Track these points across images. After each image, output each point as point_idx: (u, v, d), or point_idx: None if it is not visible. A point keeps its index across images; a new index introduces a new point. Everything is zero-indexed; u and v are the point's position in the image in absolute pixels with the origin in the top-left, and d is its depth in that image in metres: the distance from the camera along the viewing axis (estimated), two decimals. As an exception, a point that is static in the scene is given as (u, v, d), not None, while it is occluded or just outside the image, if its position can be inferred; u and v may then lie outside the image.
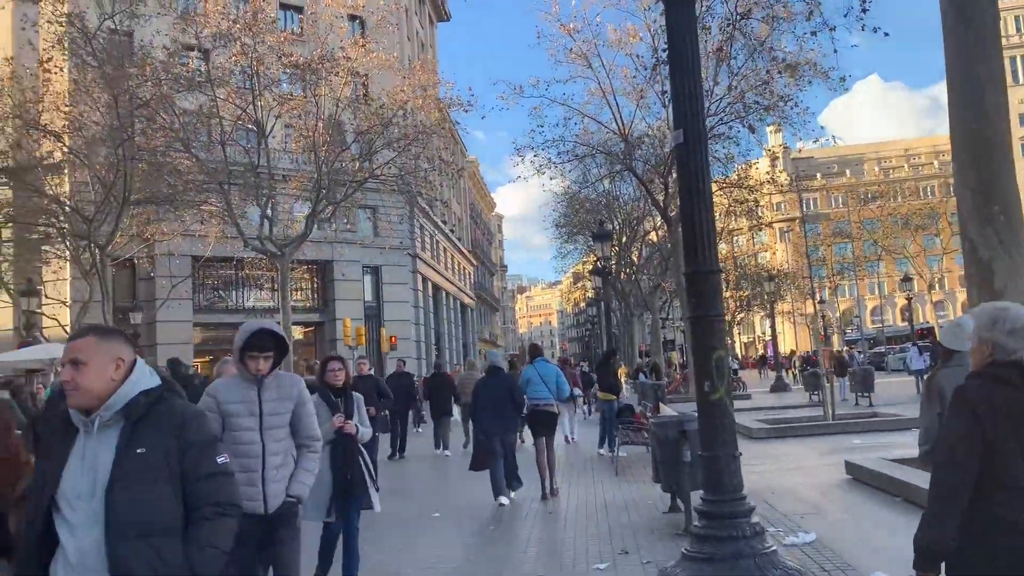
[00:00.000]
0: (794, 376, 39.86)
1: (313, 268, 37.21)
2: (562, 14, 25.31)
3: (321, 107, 24.65)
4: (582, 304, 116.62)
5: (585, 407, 22.17)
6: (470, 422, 12.90)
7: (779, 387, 31.68)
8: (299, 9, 34.51)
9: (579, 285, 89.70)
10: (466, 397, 14.22)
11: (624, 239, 39.63)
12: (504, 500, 9.54)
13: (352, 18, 31.64)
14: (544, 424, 10.30)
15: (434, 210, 46.80)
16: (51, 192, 20.80)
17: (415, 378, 22.42)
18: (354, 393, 6.20)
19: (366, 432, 6.00)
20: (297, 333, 37.34)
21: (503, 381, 10.00)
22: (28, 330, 20.48)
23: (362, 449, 5.95)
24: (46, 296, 29.03)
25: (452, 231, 56.07)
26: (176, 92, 20.20)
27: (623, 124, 26.23)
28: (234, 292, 35.71)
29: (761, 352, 71.98)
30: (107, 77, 17.33)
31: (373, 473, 6.11)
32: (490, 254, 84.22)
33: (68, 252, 21.41)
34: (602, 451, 14.13)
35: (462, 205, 64.00)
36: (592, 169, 30.27)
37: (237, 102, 23.88)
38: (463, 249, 61.13)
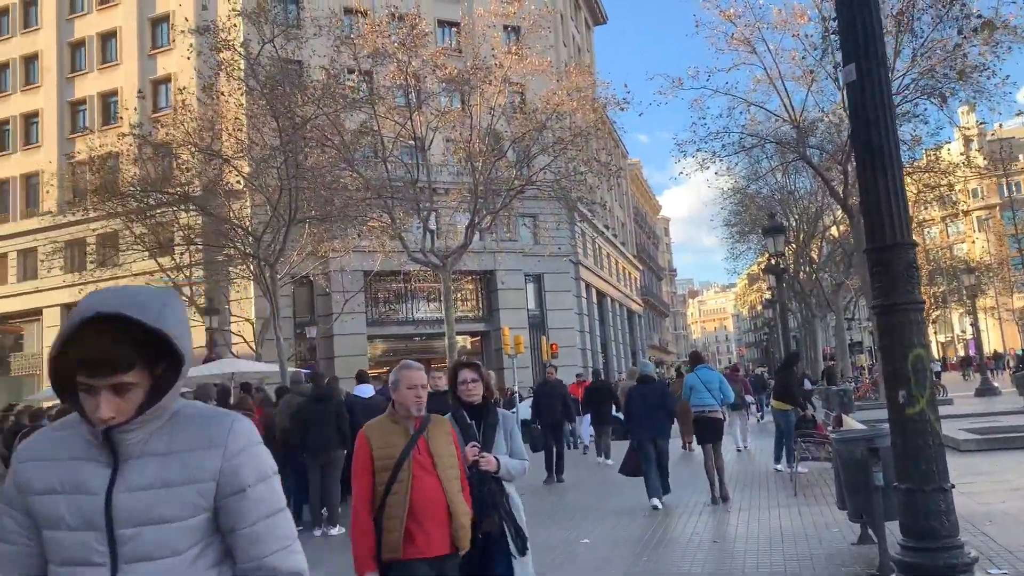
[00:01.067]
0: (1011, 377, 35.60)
1: (476, 278, 37.47)
2: (721, 1, 23.87)
3: (476, 117, 24.64)
4: (758, 307, 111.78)
5: (759, 413, 21.26)
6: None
7: (986, 391, 28.33)
8: (455, 24, 34.93)
9: (755, 287, 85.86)
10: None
11: (802, 236, 37.05)
12: (657, 503, 9.80)
13: (507, 28, 31.66)
14: (710, 430, 10.31)
15: (595, 215, 46.06)
16: (231, 215, 21.90)
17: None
18: (503, 411, 4.55)
19: (516, 466, 4.25)
20: (463, 343, 37.78)
21: (655, 388, 10.44)
22: (210, 347, 21.63)
23: (509, 493, 4.26)
24: (232, 315, 30.99)
25: (615, 236, 55.06)
26: (338, 112, 20.71)
27: (793, 111, 24.35)
28: (404, 304, 36.54)
29: (963, 353, 65.63)
30: (270, 100, 17.97)
31: (520, 526, 4.18)
32: (657, 258, 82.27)
33: (250, 272, 22.48)
34: (779, 467, 12.75)
35: (625, 209, 62.80)
36: (762, 161, 28.42)
37: (396, 119, 24.31)
38: (628, 254, 59.93)
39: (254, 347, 27.83)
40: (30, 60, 38.56)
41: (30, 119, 37.94)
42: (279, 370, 18.36)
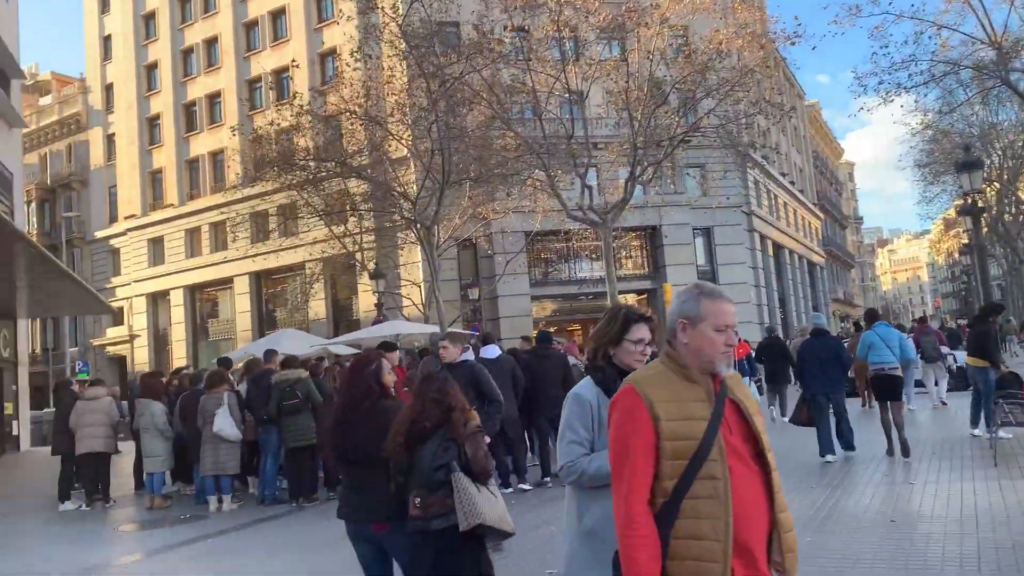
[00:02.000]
0: None
1: (641, 234, 36.38)
2: (907, -91, 21.27)
3: (633, 64, 23.55)
4: (956, 254, 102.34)
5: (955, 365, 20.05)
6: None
7: None
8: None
9: (951, 233, 78.58)
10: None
11: (1006, 174, 33.11)
12: (831, 458, 9.84)
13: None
14: (887, 388, 10.17)
15: (769, 161, 43.42)
16: (391, 181, 22.27)
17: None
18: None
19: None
20: (631, 302, 36.95)
21: (829, 342, 10.45)
22: (378, 310, 22.23)
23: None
24: (401, 279, 31.93)
25: (792, 183, 51.78)
26: (489, 67, 20.37)
27: (993, 30, 21.51)
28: (567, 264, 36.18)
29: None
30: (419, 59, 17.87)
31: None
32: (840, 205, 76.96)
33: (416, 236, 22.85)
34: (976, 432, 11.24)
35: (803, 154, 58.91)
36: (956, 92, 25.41)
37: (551, 72, 23.71)
38: (807, 202, 56.32)
39: (422, 309, 28.55)
40: (211, 43, 41.12)
41: (214, 99, 40.55)
42: (439, 331, 18.46)
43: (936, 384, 15.78)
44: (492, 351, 9.17)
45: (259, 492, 10.17)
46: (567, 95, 23.79)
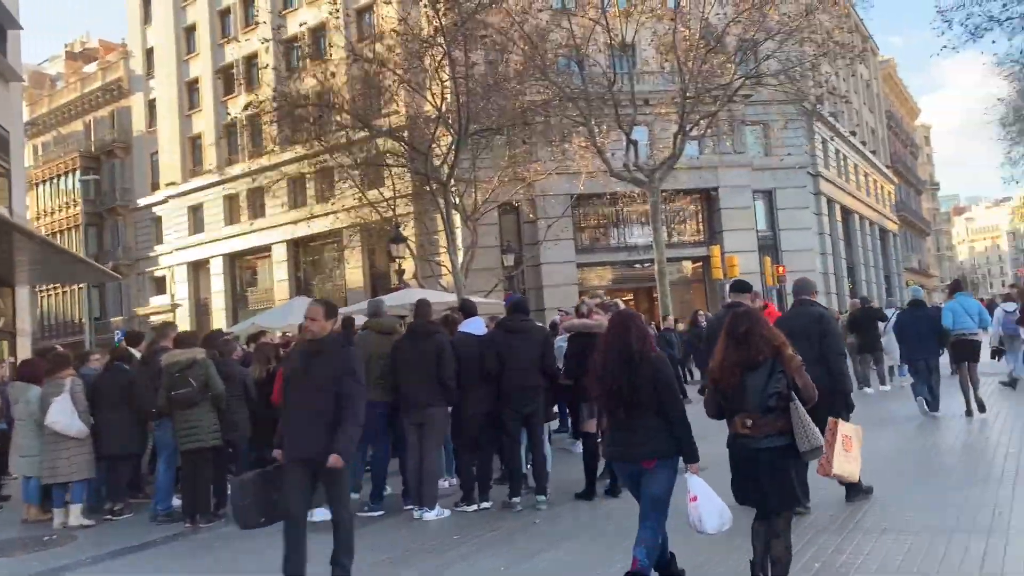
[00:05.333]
0: None
1: (698, 198, 33.86)
2: None
3: (683, 2, 21.19)
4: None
5: None
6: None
7: None
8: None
9: (1038, 197, 73.49)
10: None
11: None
12: (925, 408, 11.02)
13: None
14: (967, 351, 11.26)
15: (838, 117, 40.23)
16: (400, 133, 20.31)
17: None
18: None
19: None
20: (686, 269, 34.60)
21: (926, 314, 11.69)
22: (399, 276, 20.53)
23: None
24: (441, 245, 30.22)
25: (864, 144, 48.25)
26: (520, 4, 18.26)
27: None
28: (615, 229, 33.96)
29: None
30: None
31: None
32: (916, 170, 72.39)
33: (431, 194, 20.95)
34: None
35: (875, 114, 55.01)
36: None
37: (591, 14, 21.52)
38: (880, 164, 52.64)
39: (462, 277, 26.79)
40: (248, 2, 39.74)
41: (251, 60, 39.15)
42: (449, 300, 16.66)
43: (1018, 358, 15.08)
44: (476, 325, 7.22)
45: (152, 506, 8.05)
46: (610, 43, 21.54)
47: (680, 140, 22.24)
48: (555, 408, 7.78)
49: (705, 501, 4.32)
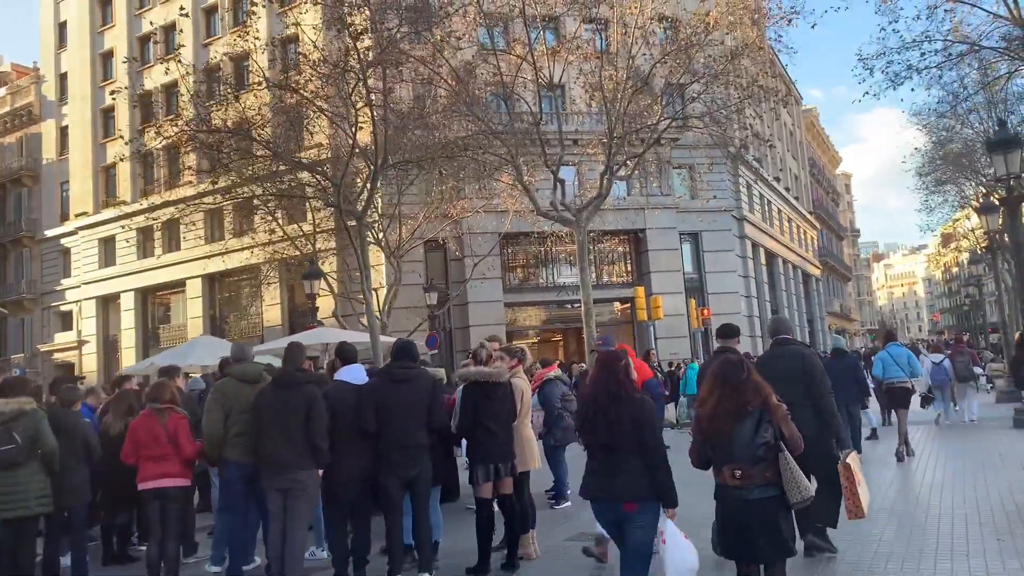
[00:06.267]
0: None
1: (625, 239, 33.75)
2: None
3: (611, 43, 21.00)
4: (954, 269, 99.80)
5: (988, 385, 21.66)
6: None
7: None
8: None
9: (951, 247, 76.17)
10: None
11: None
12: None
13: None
14: (898, 398, 12.14)
15: (763, 165, 40.90)
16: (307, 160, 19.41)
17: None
18: None
19: None
20: (615, 310, 34.32)
21: (847, 361, 11.75)
22: (312, 314, 19.49)
23: None
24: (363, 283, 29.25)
25: (788, 190, 49.24)
26: (441, 33, 17.70)
27: (1018, 9, 19.02)
28: (543, 269, 33.53)
29: None
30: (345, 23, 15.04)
31: None
32: (837, 216, 74.47)
33: (343, 226, 19.99)
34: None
35: (799, 161, 56.39)
36: (969, 75, 22.76)
37: (518, 51, 21.15)
38: (803, 210, 53.80)
39: (380, 316, 25.85)
40: (169, 30, 38.51)
41: (171, 89, 37.81)
42: (369, 341, 15.76)
43: (966, 402, 16.25)
44: (355, 373, 6.31)
45: None
46: (537, 81, 21.19)
47: (607, 180, 21.91)
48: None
49: (674, 547, 4.27)
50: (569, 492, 9.32)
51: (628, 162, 22.93)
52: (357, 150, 16.01)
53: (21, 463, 6.04)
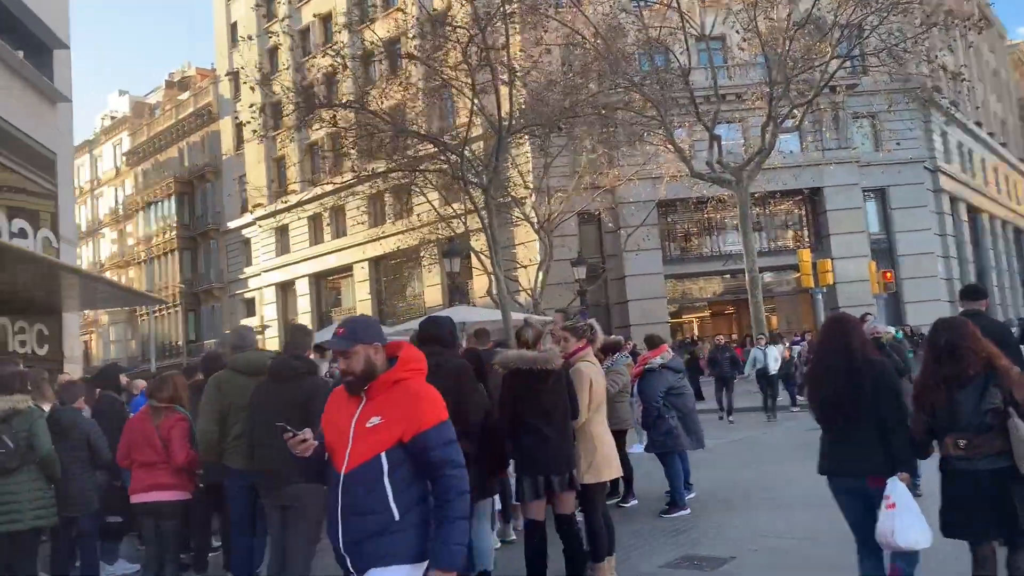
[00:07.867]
0: None
1: (800, 200, 30.87)
2: None
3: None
4: None
5: None
6: None
7: None
8: None
9: None
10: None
11: None
12: None
13: None
14: None
15: (960, 109, 36.24)
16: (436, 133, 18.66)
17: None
18: None
19: None
20: (790, 279, 31.59)
21: None
22: (451, 292, 18.88)
23: None
24: (516, 260, 28.63)
25: (992, 135, 43.61)
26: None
27: None
28: (708, 237, 31.37)
29: None
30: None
31: None
32: (1055, 163, 65.69)
33: (468, 196, 19.10)
34: None
35: (1005, 103, 49.96)
36: None
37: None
38: (1011, 159, 47.62)
39: (531, 294, 25.01)
40: (325, 19, 39.48)
41: (331, 78, 38.73)
42: (501, 318, 14.85)
43: None
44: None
45: None
46: (684, 33, 19.40)
47: (771, 133, 19.80)
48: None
49: (904, 511, 3.93)
50: (693, 496, 7.84)
51: (796, 111, 20.67)
52: (479, 117, 15.10)
53: (13, 469, 5.25)
